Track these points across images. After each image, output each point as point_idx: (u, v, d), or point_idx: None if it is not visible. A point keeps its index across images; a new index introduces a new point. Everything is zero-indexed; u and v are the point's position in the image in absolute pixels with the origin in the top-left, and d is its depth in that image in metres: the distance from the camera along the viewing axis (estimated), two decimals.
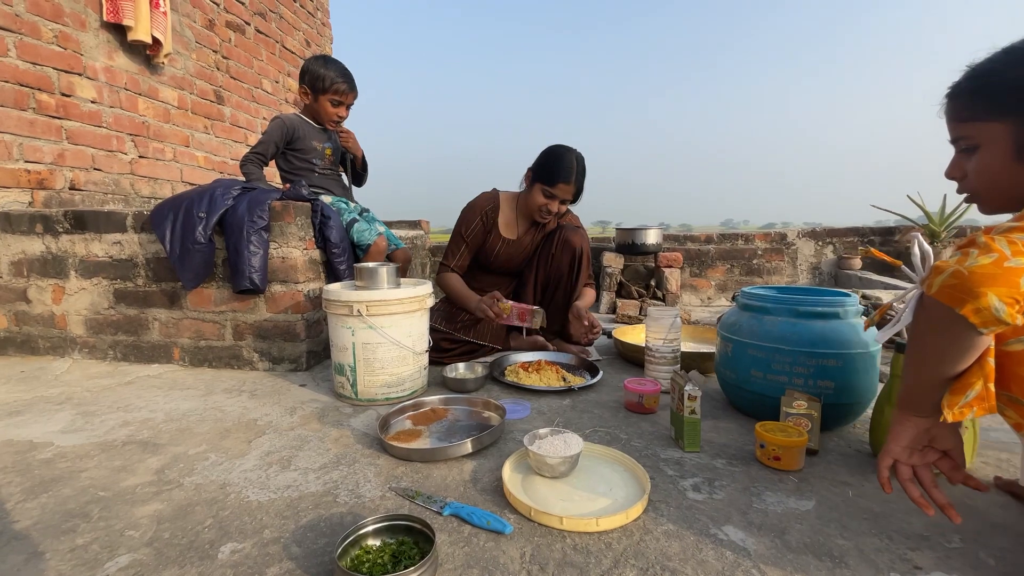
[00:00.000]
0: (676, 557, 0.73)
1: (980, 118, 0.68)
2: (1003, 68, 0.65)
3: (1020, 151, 0.64)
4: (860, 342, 1.08)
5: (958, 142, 0.72)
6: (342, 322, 1.35)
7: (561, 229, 1.81)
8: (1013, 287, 0.52)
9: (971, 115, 0.69)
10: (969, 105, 0.69)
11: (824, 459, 1.02)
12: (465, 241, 1.81)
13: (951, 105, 0.71)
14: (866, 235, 3.53)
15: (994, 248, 0.54)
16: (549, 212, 1.73)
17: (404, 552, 0.72)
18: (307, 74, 1.91)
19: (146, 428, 1.22)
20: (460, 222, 1.83)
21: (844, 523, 0.81)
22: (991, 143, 0.67)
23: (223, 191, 1.64)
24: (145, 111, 2.47)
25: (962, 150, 0.72)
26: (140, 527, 0.82)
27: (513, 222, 1.84)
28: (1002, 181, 0.67)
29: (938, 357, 0.62)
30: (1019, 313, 0.53)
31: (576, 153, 1.69)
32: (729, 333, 1.23)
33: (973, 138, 0.69)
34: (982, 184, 0.71)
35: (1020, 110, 0.63)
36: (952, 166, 0.74)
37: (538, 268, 1.83)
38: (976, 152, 0.69)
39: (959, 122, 0.71)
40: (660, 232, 2.95)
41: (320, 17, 4.14)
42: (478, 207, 1.81)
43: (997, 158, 0.66)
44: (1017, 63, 0.64)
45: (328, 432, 1.19)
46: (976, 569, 0.70)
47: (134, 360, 1.80)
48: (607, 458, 1.00)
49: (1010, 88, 0.64)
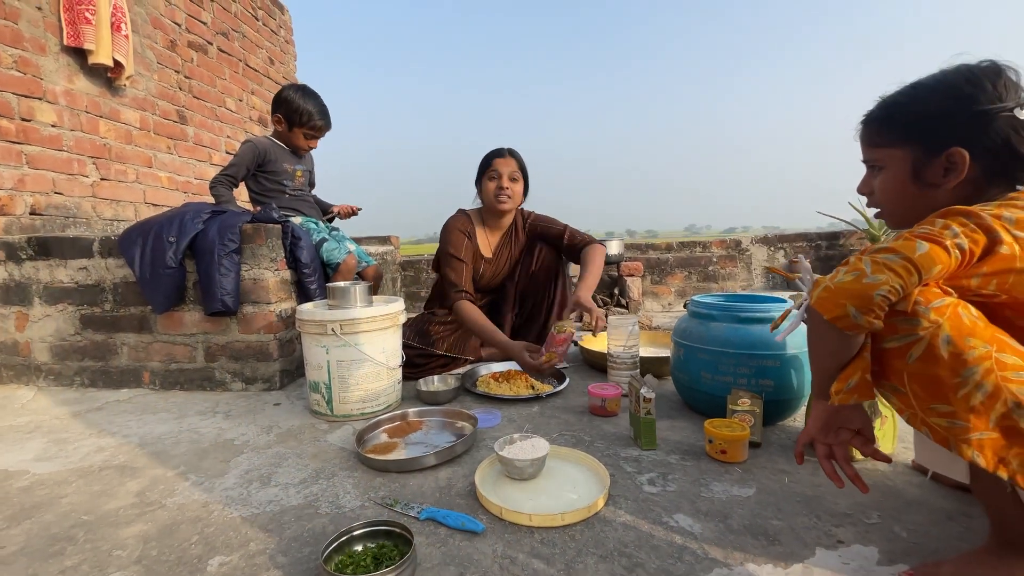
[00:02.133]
0: (632, 544, 0.81)
1: (885, 144, 0.78)
2: (907, 101, 0.76)
3: (916, 174, 0.75)
4: (794, 344, 1.20)
5: (868, 163, 0.83)
6: (316, 341, 1.40)
7: (540, 244, 1.90)
8: (867, 300, 0.63)
9: (878, 141, 0.79)
10: (877, 131, 0.79)
11: (766, 451, 1.13)
12: (461, 260, 1.81)
13: (864, 130, 0.82)
14: (813, 240, 3.76)
15: (859, 267, 0.66)
16: (503, 188, 1.78)
17: (385, 554, 0.78)
18: (284, 104, 1.95)
19: (121, 453, 1.24)
20: (447, 243, 1.83)
21: (780, 506, 0.91)
22: (893, 165, 0.77)
23: (193, 215, 1.66)
24: (106, 133, 2.44)
25: (870, 168, 0.82)
26: (127, 547, 0.85)
27: (486, 239, 1.92)
28: (902, 199, 0.78)
29: (823, 353, 0.73)
30: (876, 319, 0.64)
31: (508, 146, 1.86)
32: (681, 339, 1.33)
33: (880, 160, 0.79)
34: (885, 200, 0.81)
35: (917, 139, 0.74)
36: (862, 183, 0.84)
37: (519, 282, 1.91)
38: (881, 172, 0.80)
39: (869, 146, 0.81)
40: (621, 243, 3.08)
41: (284, 35, 4.16)
42: (458, 226, 1.85)
43: (898, 179, 0.77)
44: (919, 99, 0.75)
45: (306, 448, 1.23)
46: (890, 541, 0.81)
47: (102, 386, 1.78)
48: (572, 459, 1.08)
49: (910, 120, 0.75)
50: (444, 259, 1.84)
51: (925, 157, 0.73)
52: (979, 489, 0.72)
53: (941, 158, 0.72)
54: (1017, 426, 0.58)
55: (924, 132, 0.73)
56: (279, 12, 4.07)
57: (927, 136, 0.73)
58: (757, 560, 0.77)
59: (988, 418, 0.60)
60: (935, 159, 0.72)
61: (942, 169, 0.72)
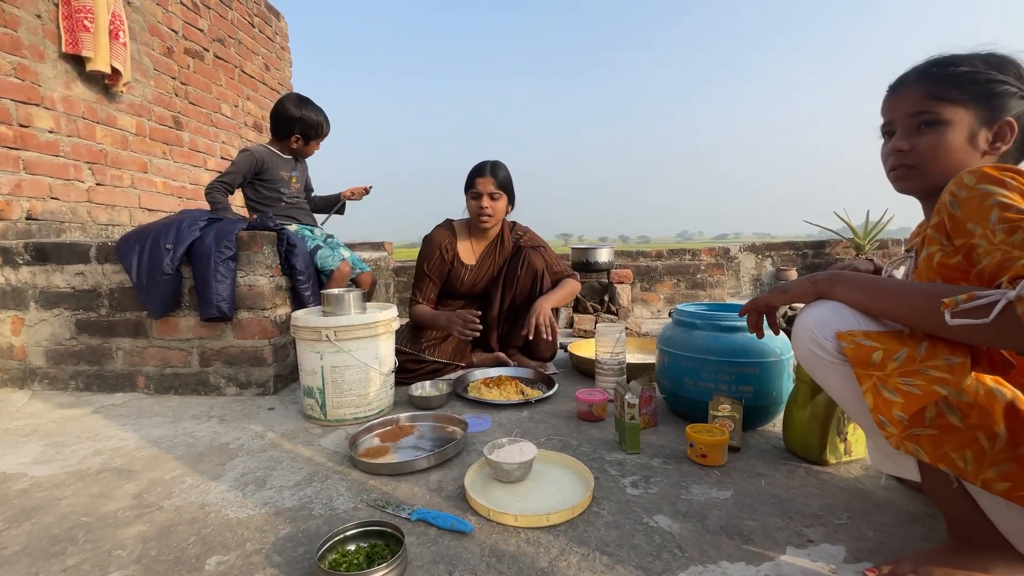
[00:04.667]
0: (613, 543, 0.85)
1: (954, 100, 0.77)
2: (982, 67, 0.78)
3: (972, 137, 0.78)
4: (773, 351, 1.24)
5: (918, 115, 0.80)
6: (311, 347, 1.43)
7: (524, 251, 1.95)
8: None
9: (947, 96, 0.78)
10: (948, 86, 0.78)
11: (744, 454, 1.17)
12: (428, 276, 1.94)
13: (927, 83, 0.79)
14: (800, 248, 3.84)
15: None
16: (483, 209, 1.86)
17: (377, 553, 0.82)
18: (299, 123, 2.02)
19: (119, 456, 1.26)
20: (421, 257, 1.96)
21: (755, 508, 0.95)
22: (956, 122, 0.78)
23: (190, 223, 1.69)
24: (103, 139, 2.47)
25: (920, 124, 0.80)
26: (127, 547, 0.88)
27: (470, 247, 1.97)
28: (949, 157, 0.78)
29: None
30: None
31: (491, 159, 1.91)
32: (665, 346, 1.38)
33: (940, 115, 0.78)
34: (930, 156, 0.79)
35: (987, 102, 0.77)
36: (903, 138, 0.81)
37: (504, 288, 1.95)
38: (936, 128, 0.78)
39: (933, 99, 0.78)
40: (612, 250, 3.13)
41: (279, 41, 4.19)
42: (436, 241, 1.94)
43: (956, 137, 0.78)
44: (993, 67, 0.78)
45: (300, 452, 1.26)
46: (857, 540, 0.86)
47: (97, 390, 1.80)
48: (559, 463, 1.12)
49: (983, 82, 0.77)
50: (416, 272, 1.97)
51: (985, 121, 0.77)
52: (930, 488, 0.76)
53: (995, 126, 0.76)
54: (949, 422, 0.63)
55: (993, 97, 0.76)
56: (275, 19, 4.11)
57: (994, 101, 0.76)
58: (731, 558, 0.81)
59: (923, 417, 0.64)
60: (991, 126, 0.77)
61: (991, 136, 0.77)
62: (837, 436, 1.09)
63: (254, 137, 3.75)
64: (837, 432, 1.09)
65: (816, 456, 1.10)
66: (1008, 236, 0.62)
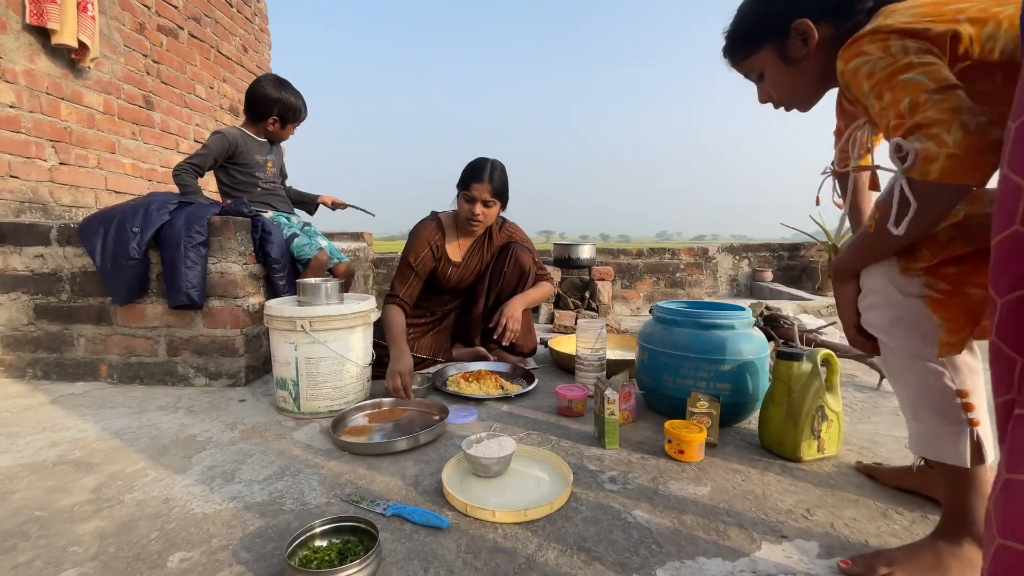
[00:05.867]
0: (591, 539, 0.85)
1: (750, 53, 0.89)
2: (748, 11, 0.88)
3: (785, 59, 0.85)
4: (751, 350, 1.26)
5: (749, 75, 0.93)
6: (285, 337, 1.39)
7: (512, 247, 1.91)
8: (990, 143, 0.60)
9: (743, 54, 0.90)
10: (738, 49, 0.91)
11: (721, 451, 1.18)
12: (415, 271, 1.81)
13: (730, 57, 0.93)
14: (776, 250, 3.91)
15: (945, 116, 0.60)
16: (474, 215, 1.76)
17: (350, 550, 0.79)
18: (278, 105, 1.95)
19: (77, 448, 1.20)
20: (408, 251, 1.83)
21: (731, 503, 0.96)
22: (766, 64, 0.87)
23: (159, 206, 1.63)
24: (68, 116, 2.35)
25: (756, 80, 0.92)
26: (83, 543, 0.83)
27: (457, 245, 1.91)
28: (791, 81, 0.87)
29: (921, 225, 0.68)
30: None
31: (491, 160, 1.78)
32: (645, 343, 1.38)
33: (755, 67, 0.90)
34: (783, 91, 0.89)
35: (765, 34, 0.86)
36: (760, 95, 0.93)
37: (490, 284, 1.92)
38: (764, 76, 0.89)
39: (742, 62, 0.91)
40: (593, 247, 3.14)
41: (258, 23, 4.06)
42: (426, 237, 1.82)
43: (778, 70, 0.87)
44: (747, 9, 0.88)
45: (271, 445, 1.22)
46: (828, 535, 0.87)
47: (56, 378, 1.72)
48: (537, 458, 1.11)
49: (751, 25, 0.87)
50: (401, 263, 1.84)
51: (782, 42, 0.84)
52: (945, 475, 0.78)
53: (792, 36, 0.82)
54: None
55: (767, 26, 0.85)
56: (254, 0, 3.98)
57: (771, 27, 0.84)
58: (708, 554, 0.81)
59: None
60: (789, 39, 0.83)
61: (800, 42, 0.82)
62: (811, 434, 1.11)
63: (230, 120, 3.63)
64: (811, 430, 1.11)
65: (791, 453, 1.12)
66: (878, 102, 0.67)
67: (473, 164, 1.78)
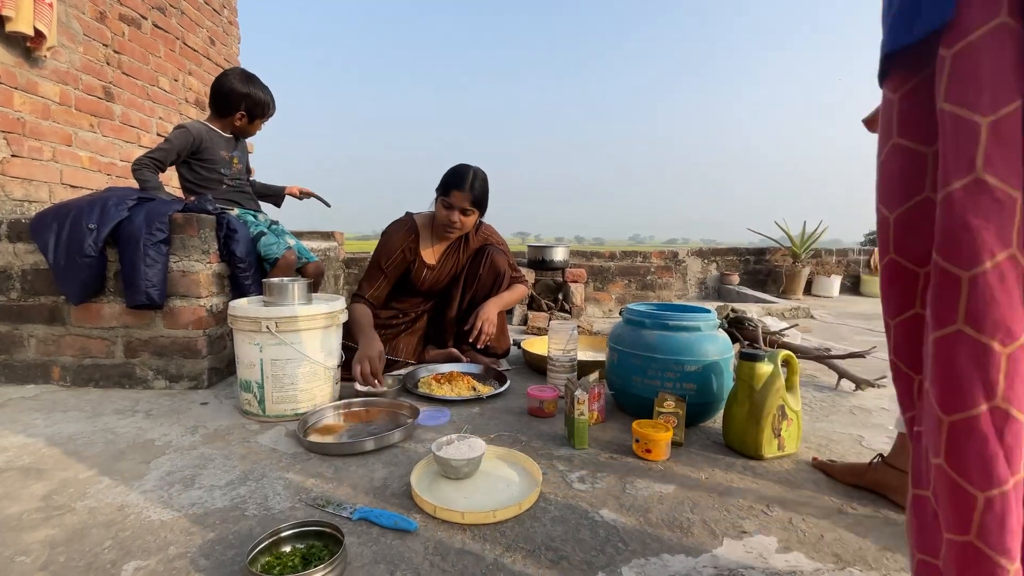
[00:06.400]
0: (559, 538, 0.85)
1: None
2: None
3: None
4: (716, 351, 1.29)
5: None
6: (249, 338, 1.35)
7: (488, 250, 1.90)
8: None
9: None
10: None
11: (687, 450, 1.21)
12: (384, 273, 1.79)
13: None
14: (743, 254, 4.02)
15: None
16: (451, 223, 1.74)
17: (314, 555, 0.78)
18: (246, 99, 1.90)
19: (26, 454, 1.15)
20: (380, 253, 1.80)
21: (695, 501, 0.98)
22: None
23: (117, 201, 1.56)
24: (21, 107, 2.24)
25: None
26: (31, 552, 0.80)
27: (432, 248, 1.89)
28: None
29: None
30: None
31: (473, 167, 1.75)
32: (615, 344, 1.40)
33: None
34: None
35: None
36: None
37: (465, 287, 1.91)
38: None
39: None
40: (567, 249, 3.17)
41: (227, 15, 3.95)
42: (399, 239, 1.80)
43: None
44: None
45: (234, 449, 1.19)
46: (786, 530, 0.90)
47: (5, 381, 1.64)
48: (507, 459, 1.11)
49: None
50: (370, 265, 1.82)
51: None
52: None
53: None
54: None
55: None
56: None
57: None
58: (672, 551, 0.83)
59: None
60: None
61: None
62: (772, 432, 1.14)
63: (195, 114, 3.52)
64: (772, 429, 1.14)
65: (753, 451, 1.15)
66: None
67: (455, 170, 1.74)
